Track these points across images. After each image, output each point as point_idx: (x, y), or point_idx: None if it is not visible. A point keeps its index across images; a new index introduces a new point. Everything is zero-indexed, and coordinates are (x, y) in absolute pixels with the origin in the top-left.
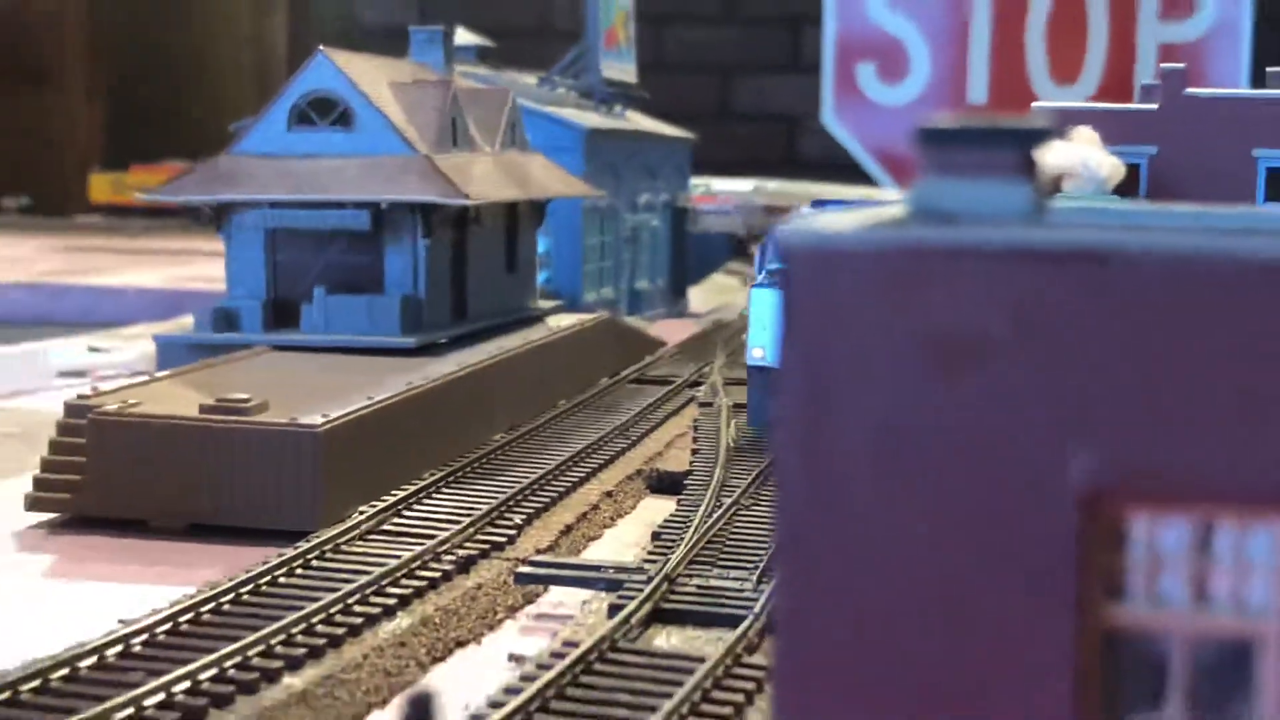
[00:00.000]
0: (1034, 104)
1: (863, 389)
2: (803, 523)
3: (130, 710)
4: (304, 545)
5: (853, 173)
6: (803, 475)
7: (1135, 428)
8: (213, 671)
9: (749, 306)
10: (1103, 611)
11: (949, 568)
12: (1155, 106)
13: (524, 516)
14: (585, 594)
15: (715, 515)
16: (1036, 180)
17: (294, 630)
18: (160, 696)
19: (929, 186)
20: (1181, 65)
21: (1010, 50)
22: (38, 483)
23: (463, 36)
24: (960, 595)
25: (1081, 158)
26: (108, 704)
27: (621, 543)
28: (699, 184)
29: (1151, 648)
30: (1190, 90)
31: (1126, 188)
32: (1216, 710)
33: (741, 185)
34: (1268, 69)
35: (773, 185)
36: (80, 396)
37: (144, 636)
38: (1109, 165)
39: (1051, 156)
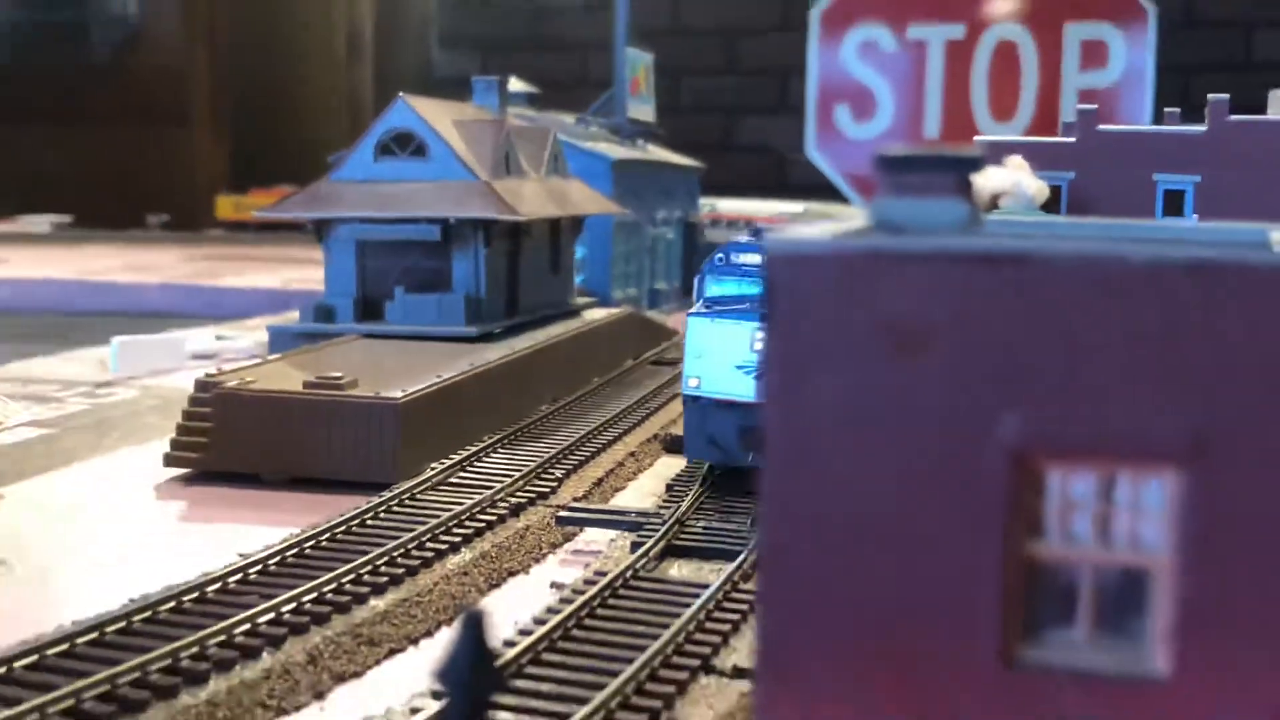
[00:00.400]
0: (976, 137)
1: (830, 365)
2: (783, 475)
3: (247, 626)
4: (386, 495)
5: (832, 194)
6: (782, 436)
7: (1052, 397)
8: (313, 595)
9: (685, 335)
10: (1025, 546)
11: (900, 509)
12: (1074, 139)
13: (563, 471)
14: (612, 533)
15: (716, 471)
16: (971, 198)
17: (378, 562)
18: (271, 615)
19: (885, 203)
20: (1095, 106)
21: (958, 94)
22: (173, 444)
23: (515, 85)
24: (909, 531)
25: (1014, 180)
26: (228, 621)
27: (641, 492)
28: (706, 203)
29: (1065, 576)
30: (1102, 126)
31: (1050, 205)
32: (1117, 627)
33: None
34: (1165, 109)
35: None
36: (208, 375)
37: (258, 567)
38: (1036, 187)
39: (990, 179)
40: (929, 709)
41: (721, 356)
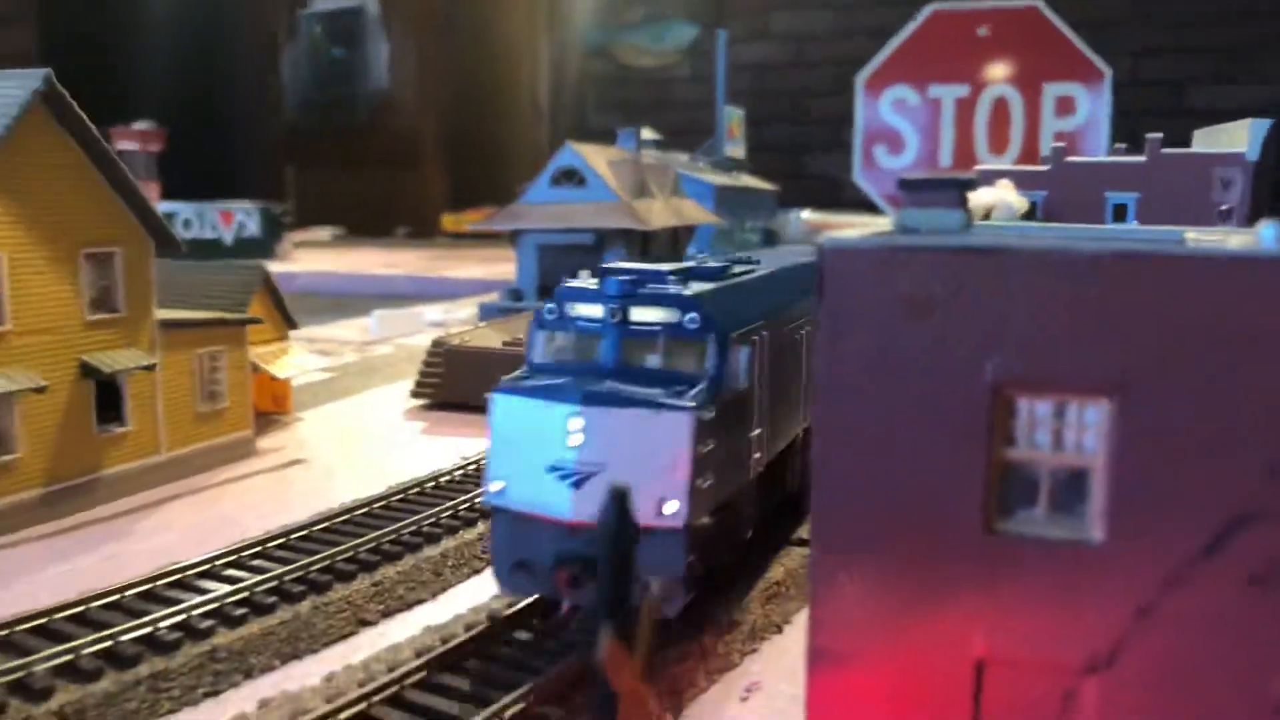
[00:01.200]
0: (976, 167)
1: (863, 327)
2: (828, 405)
3: (467, 504)
4: None
5: (872, 209)
6: (828, 376)
7: (1022, 348)
8: None
9: (490, 420)
10: (1001, 451)
11: (913, 429)
12: (1048, 168)
13: None
14: None
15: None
16: (966, 208)
17: None
18: (482, 496)
19: (905, 213)
20: (1064, 144)
21: (964, 135)
22: (416, 383)
23: (647, 133)
24: (921, 444)
25: (1002, 197)
26: (455, 501)
27: None
28: (787, 215)
29: (1029, 472)
30: (1069, 158)
31: (1029, 216)
32: (1065, 509)
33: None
34: (1115, 144)
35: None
36: (439, 336)
37: (473, 465)
38: (1019, 202)
39: (984, 196)
40: (931, 562)
41: (530, 451)
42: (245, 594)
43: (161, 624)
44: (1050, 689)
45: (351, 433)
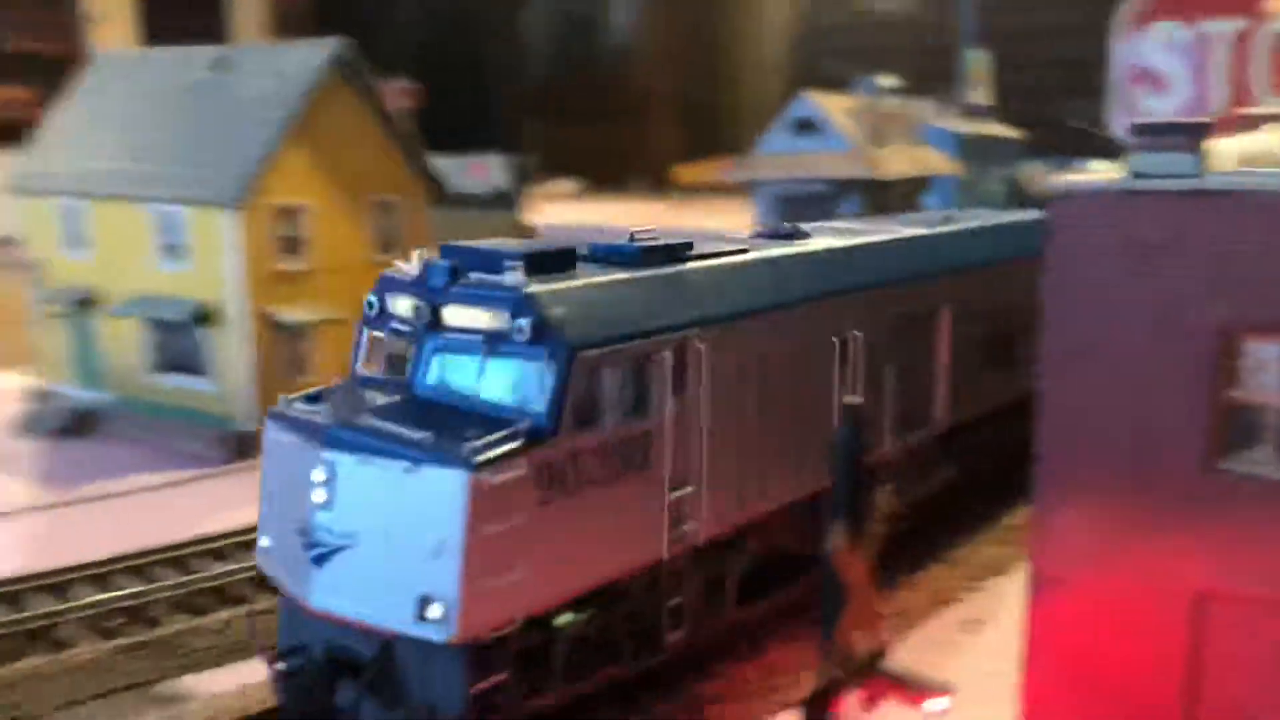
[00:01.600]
0: (1247, 109)
1: (1090, 270)
2: (1056, 347)
3: None
4: None
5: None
6: (1056, 319)
7: (1249, 290)
8: None
9: (264, 460)
10: (1227, 393)
11: (1141, 367)
12: None
13: None
14: None
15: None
16: (1200, 153)
17: None
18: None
19: (1139, 157)
20: None
21: (1239, 74)
22: None
23: (885, 80)
24: (1146, 381)
25: (1264, 143)
26: None
27: None
28: (1033, 167)
29: (1255, 414)
30: None
31: None
32: None
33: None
34: None
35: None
36: None
37: None
38: None
39: (1246, 143)
40: (1153, 497)
41: (285, 505)
42: None
43: None
44: (1273, 625)
45: None
